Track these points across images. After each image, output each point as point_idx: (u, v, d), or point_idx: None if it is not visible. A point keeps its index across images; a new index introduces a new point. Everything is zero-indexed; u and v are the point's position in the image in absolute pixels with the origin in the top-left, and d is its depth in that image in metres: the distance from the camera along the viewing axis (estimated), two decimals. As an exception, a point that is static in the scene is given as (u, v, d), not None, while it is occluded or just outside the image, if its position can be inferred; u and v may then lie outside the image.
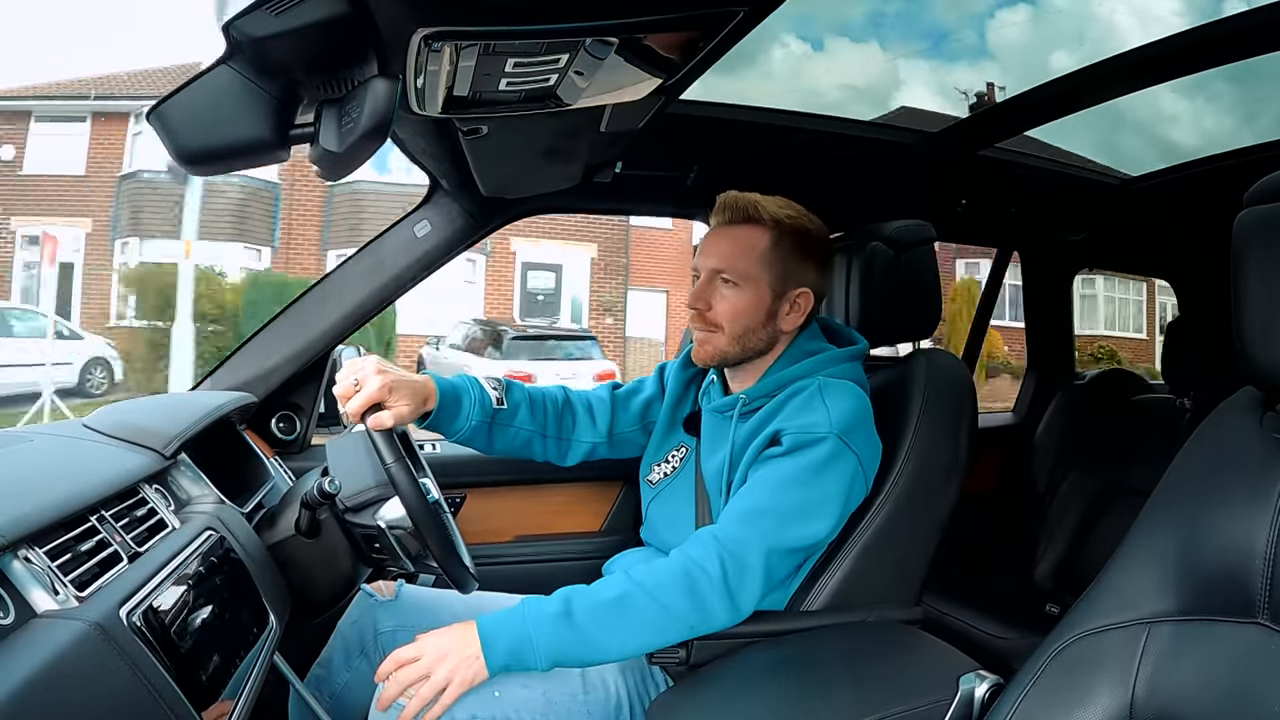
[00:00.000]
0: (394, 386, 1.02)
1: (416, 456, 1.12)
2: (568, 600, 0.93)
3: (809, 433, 1.01)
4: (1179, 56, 1.20)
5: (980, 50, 2.57)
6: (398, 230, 1.45)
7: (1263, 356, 0.62)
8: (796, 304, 1.12)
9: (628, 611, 0.93)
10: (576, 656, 0.94)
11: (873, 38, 3.72)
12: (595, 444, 1.29)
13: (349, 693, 1.11)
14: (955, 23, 3.23)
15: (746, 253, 1.09)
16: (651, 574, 0.96)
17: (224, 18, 0.60)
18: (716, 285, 1.11)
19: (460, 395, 1.14)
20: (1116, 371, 2.31)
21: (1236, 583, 0.61)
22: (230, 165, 0.67)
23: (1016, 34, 2.61)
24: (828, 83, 2.45)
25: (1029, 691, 0.69)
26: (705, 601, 0.95)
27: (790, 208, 1.12)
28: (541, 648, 0.91)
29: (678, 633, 0.95)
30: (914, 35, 3.40)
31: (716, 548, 0.96)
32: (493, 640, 0.90)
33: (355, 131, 0.65)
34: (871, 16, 3.42)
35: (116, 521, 0.79)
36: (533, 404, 1.23)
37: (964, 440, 1.14)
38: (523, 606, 0.94)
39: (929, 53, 3.26)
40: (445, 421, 1.14)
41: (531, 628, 0.91)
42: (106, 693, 0.61)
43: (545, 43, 0.73)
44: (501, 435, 1.20)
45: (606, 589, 0.95)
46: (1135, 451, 1.88)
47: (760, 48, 2.42)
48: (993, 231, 2.14)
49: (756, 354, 1.13)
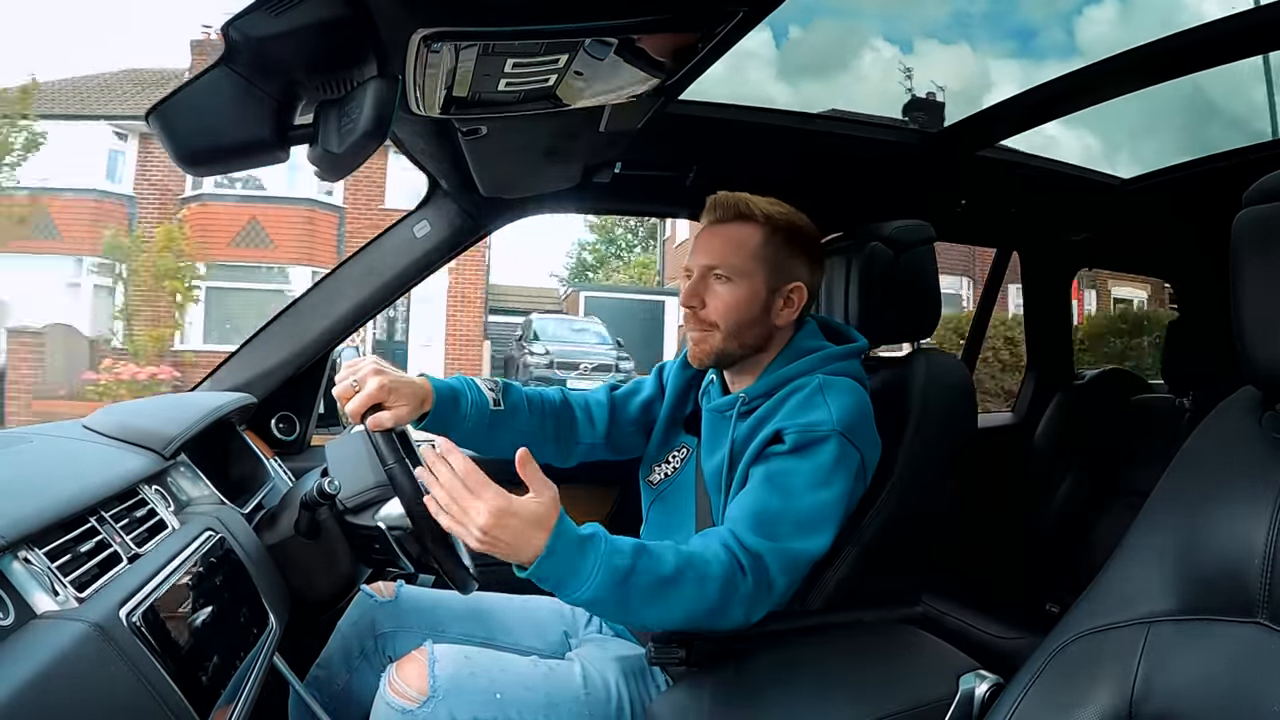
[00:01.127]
0: (392, 388, 1.02)
1: (416, 457, 1.12)
2: (634, 562, 0.88)
3: (812, 431, 1.01)
4: (1180, 56, 1.20)
5: (1069, 48, 2.53)
6: (397, 231, 1.45)
7: (1262, 356, 0.62)
8: (790, 299, 1.12)
9: (673, 593, 0.90)
10: (610, 614, 0.97)
11: (962, 39, 3.78)
12: (594, 445, 1.28)
13: (349, 693, 1.11)
14: (1043, 21, 3.26)
15: (739, 248, 1.09)
16: (703, 564, 0.92)
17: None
18: (710, 282, 1.10)
19: (457, 397, 1.14)
20: (1116, 371, 2.31)
21: (1236, 582, 0.61)
22: (230, 166, 0.67)
23: (1105, 30, 2.58)
24: (919, 84, 2.43)
25: (1029, 691, 0.69)
26: (730, 605, 0.93)
27: (780, 205, 1.12)
28: (586, 593, 0.86)
29: (697, 622, 0.93)
30: (1001, 35, 3.43)
31: (757, 564, 0.94)
32: (553, 555, 0.85)
33: (354, 132, 0.65)
34: (958, 16, 3.46)
35: (116, 522, 0.79)
36: (530, 406, 1.22)
37: (963, 440, 1.14)
38: (595, 546, 0.88)
39: (1018, 52, 3.29)
40: (441, 423, 1.13)
41: (591, 573, 0.86)
42: (106, 693, 0.61)
43: (544, 43, 0.74)
44: (500, 437, 1.19)
45: (663, 564, 0.90)
46: (1135, 451, 1.88)
47: (851, 52, 2.44)
48: (992, 232, 2.14)
49: (753, 351, 1.13)
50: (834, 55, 4.69)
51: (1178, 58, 1.20)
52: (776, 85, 3.87)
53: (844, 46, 5.15)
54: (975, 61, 4.45)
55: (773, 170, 1.55)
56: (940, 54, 4.95)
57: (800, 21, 5.84)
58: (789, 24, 7.17)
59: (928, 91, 2.87)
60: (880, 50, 6.21)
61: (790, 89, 3.45)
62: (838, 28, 5.25)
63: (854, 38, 5.14)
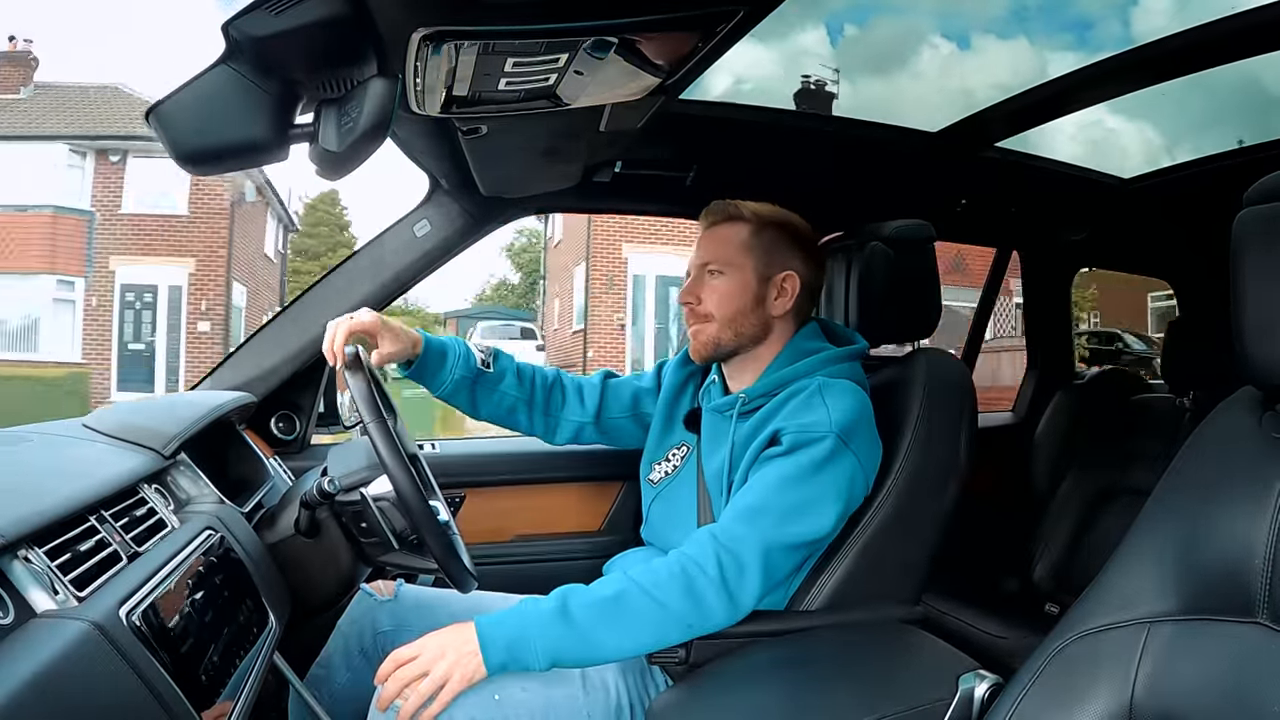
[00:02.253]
0: (385, 324, 1.10)
1: (426, 475, 1.11)
2: (564, 599, 0.93)
3: (809, 432, 1.02)
4: (1180, 56, 1.20)
5: (1124, 39, 2.50)
6: (397, 230, 1.45)
7: (1262, 356, 0.62)
8: (783, 289, 1.14)
9: (625, 610, 0.93)
10: (574, 656, 0.93)
11: (1020, 33, 3.69)
12: (582, 424, 1.31)
13: (348, 692, 1.11)
14: (1099, 12, 3.20)
15: (728, 243, 1.14)
16: (650, 573, 0.96)
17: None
18: (704, 278, 1.15)
19: (446, 350, 1.21)
20: (1116, 371, 2.31)
21: (1236, 582, 0.60)
22: (230, 165, 0.67)
23: (1162, 21, 2.55)
24: (978, 81, 2.41)
25: (1029, 691, 0.69)
26: (703, 600, 0.95)
27: (770, 206, 1.17)
28: (539, 646, 0.91)
29: (677, 632, 0.95)
30: (1057, 28, 3.38)
31: (714, 546, 0.96)
32: (490, 638, 0.90)
33: (355, 131, 0.65)
34: (1014, 10, 3.39)
35: (116, 521, 0.79)
36: (520, 374, 1.27)
37: (963, 440, 1.14)
38: (520, 606, 0.94)
39: (1075, 44, 3.22)
40: (429, 372, 1.19)
41: (529, 626, 0.91)
42: (106, 693, 0.61)
43: (545, 42, 0.74)
44: (486, 398, 1.24)
45: (604, 588, 0.95)
46: (1135, 451, 1.88)
47: (909, 48, 2.40)
48: (993, 231, 2.14)
49: (750, 342, 1.14)
50: (892, 53, 4.67)
51: (1182, 55, 1.20)
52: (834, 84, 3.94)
53: (900, 41, 5.12)
54: (1033, 55, 4.42)
55: (773, 169, 1.55)
56: (998, 49, 4.90)
57: (857, 20, 5.80)
58: (844, 23, 7.09)
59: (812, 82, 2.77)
60: (938, 46, 6.17)
61: (849, 86, 3.49)
62: (894, 25, 5.23)
63: (908, 33, 5.11)
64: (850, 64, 1.80)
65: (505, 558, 1.53)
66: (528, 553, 1.56)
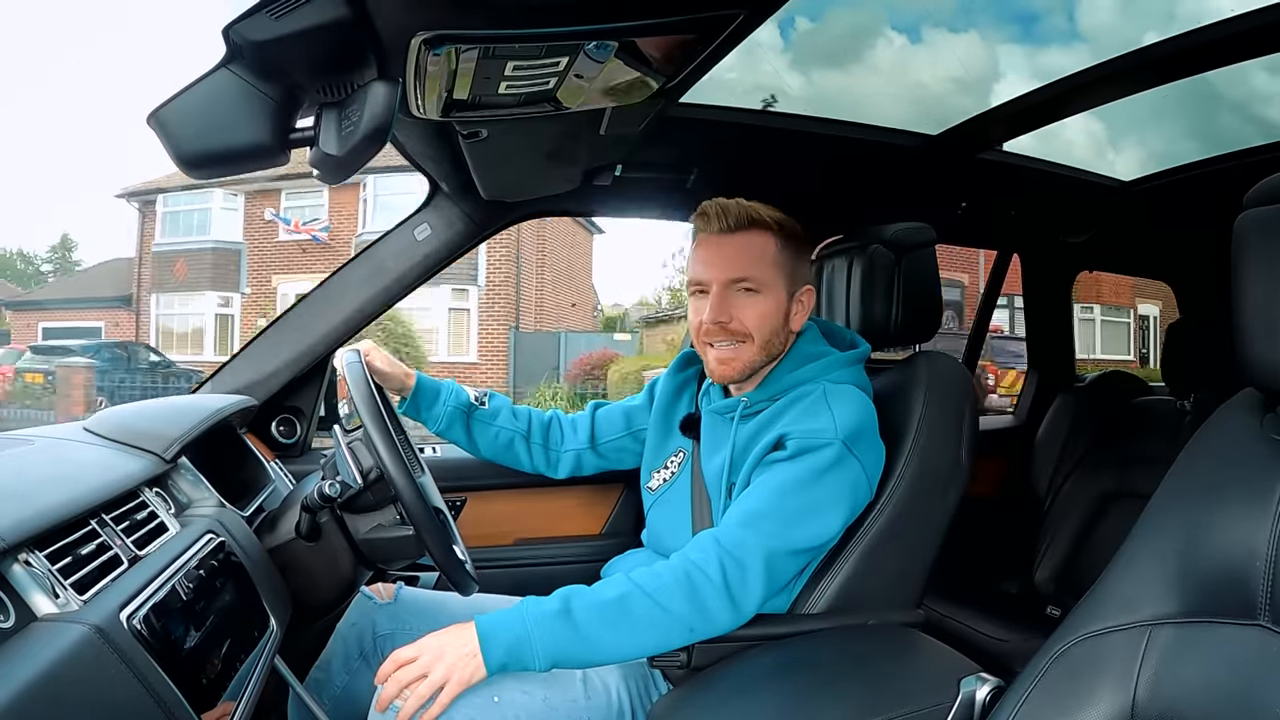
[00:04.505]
0: (376, 350, 1.19)
1: (416, 455, 1.12)
2: (567, 599, 0.93)
3: (814, 438, 1.01)
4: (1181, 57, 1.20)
5: (1070, 33, 2.47)
6: (398, 234, 1.45)
7: (1263, 358, 0.61)
8: (802, 303, 1.12)
9: (627, 612, 0.93)
10: (575, 657, 0.93)
11: (971, 26, 3.65)
12: (580, 451, 1.33)
13: (348, 695, 1.11)
14: (1045, 5, 3.14)
15: (760, 258, 1.08)
16: (653, 576, 0.95)
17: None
18: (733, 295, 1.08)
19: (439, 387, 1.27)
20: (1117, 373, 2.30)
21: (1237, 585, 0.60)
22: (230, 169, 0.67)
23: (1107, 17, 2.52)
24: (930, 76, 2.37)
25: (1030, 694, 0.68)
26: (706, 604, 0.94)
27: (778, 211, 1.11)
28: (540, 647, 0.90)
29: (679, 635, 0.95)
30: (1006, 19, 3.33)
31: (717, 550, 0.96)
32: (491, 638, 0.90)
33: (355, 135, 0.65)
34: (962, 3, 3.36)
35: (117, 525, 0.79)
36: (515, 412, 1.33)
37: (965, 443, 1.14)
38: (521, 606, 0.94)
39: (1020, 37, 3.17)
40: (424, 405, 1.26)
41: (530, 626, 0.91)
42: (107, 696, 0.61)
43: (545, 46, 0.74)
44: (483, 432, 1.29)
45: (607, 590, 0.95)
46: (1136, 454, 1.88)
47: (864, 42, 2.38)
48: (993, 234, 2.14)
49: (774, 359, 1.12)
50: (843, 41, 4.62)
51: (1183, 58, 1.20)
52: (790, 75, 3.84)
53: (856, 34, 5.08)
54: (984, 49, 4.29)
55: (774, 172, 1.55)
56: (950, 42, 4.86)
57: (810, 15, 5.79)
58: (795, 15, 6.93)
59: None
60: (893, 41, 6.05)
61: (803, 78, 3.44)
62: (849, 18, 5.21)
63: (860, 26, 5.07)
64: (804, 57, 1.81)
65: (506, 561, 1.53)
66: (528, 556, 1.56)
